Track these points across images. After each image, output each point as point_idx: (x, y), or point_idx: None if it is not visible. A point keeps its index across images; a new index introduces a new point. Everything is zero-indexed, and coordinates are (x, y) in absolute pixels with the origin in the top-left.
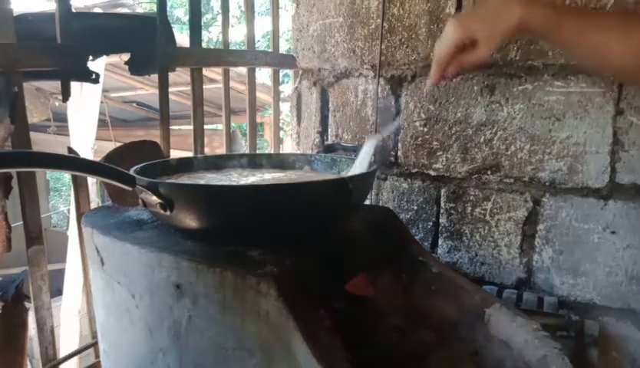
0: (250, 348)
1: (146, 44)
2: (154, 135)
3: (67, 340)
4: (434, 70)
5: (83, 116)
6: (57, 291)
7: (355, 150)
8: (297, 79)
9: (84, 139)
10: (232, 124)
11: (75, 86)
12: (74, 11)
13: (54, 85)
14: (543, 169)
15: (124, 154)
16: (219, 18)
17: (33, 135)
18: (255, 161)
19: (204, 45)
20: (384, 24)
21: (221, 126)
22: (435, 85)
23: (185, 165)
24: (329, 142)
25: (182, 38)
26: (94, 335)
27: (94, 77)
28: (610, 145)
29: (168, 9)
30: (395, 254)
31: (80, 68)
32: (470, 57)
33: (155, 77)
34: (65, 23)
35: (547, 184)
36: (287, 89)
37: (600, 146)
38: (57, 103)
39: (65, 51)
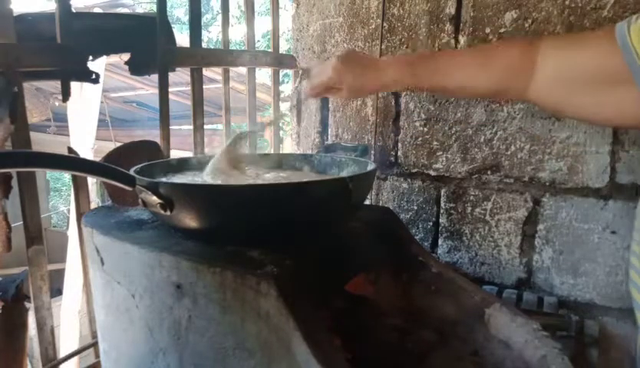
0: (250, 348)
1: (146, 44)
2: (154, 135)
3: (67, 340)
4: (308, 91)
5: (83, 116)
6: (57, 291)
7: (355, 150)
8: (297, 79)
9: (84, 139)
10: (232, 124)
11: (75, 86)
12: (74, 11)
13: (54, 85)
14: (543, 169)
15: (124, 154)
16: (219, 18)
17: (33, 135)
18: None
19: (204, 45)
20: (384, 24)
21: (221, 126)
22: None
23: (185, 166)
24: (329, 142)
25: (182, 38)
26: (94, 335)
27: (93, 77)
28: (610, 145)
29: (168, 9)
30: (395, 254)
31: (80, 68)
32: (334, 94)
33: (155, 77)
34: (65, 23)
35: (547, 184)
36: (287, 89)
37: (600, 146)
38: (57, 103)
39: (65, 51)
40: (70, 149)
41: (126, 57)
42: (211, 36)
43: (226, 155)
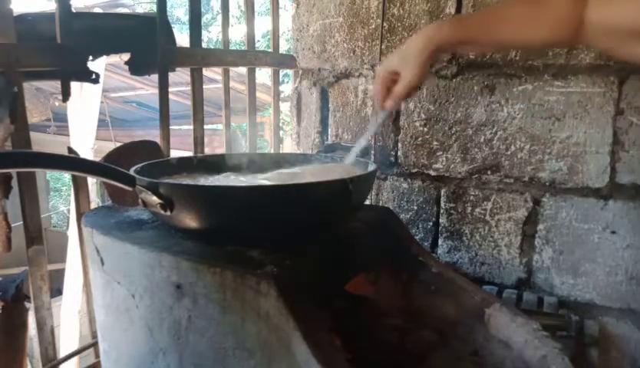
0: (250, 348)
1: (146, 44)
2: (154, 135)
3: (67, 340)
4: (375, 101)
5: (83, 116)
6: (57, 291)
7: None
8: (297, 79)
9: (84, 139)
10: (232, 124)
11: (75, 86)
12: (74, 11)
13: (54, 85)
14: (543, 169)
15: (124, 154)
16: (219, 18)
17: (33, 135)
18: (255, 161)
19: (204, 45)
20: (384, 24)
21: (221, 126)
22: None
23: (185, 165)
24: (329, 142)
25: (182, 38)
26: (94, 335)
27: (93, 77)
28: (610, 145)
29: (168, 9)
30: (395, 254)
31: (80, 68)
32: (398, 87)
33: (155, 77)
34: (65, 23)
35: (547, 184)
36: (287, 89)
37: (600, 146)
38: (57, 103)
39: (65, 51)
40: (70, 149)
41: (126, 57)
42: (211, 36)
43: None
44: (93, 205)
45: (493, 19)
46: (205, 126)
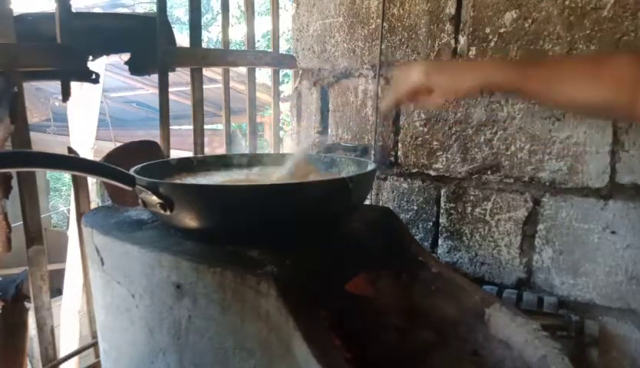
0: (250, 348)
1: (146, 44)
2: (154, 135)
3: (67, 340)
4: (393, 98)
5: (83, 116)
6: (57, 291)
7: (355, 150)
8: (297, 79)
9: (84, 139)
10: (232, 124)
11: (75, 86)
12: (74, 11)
13: (54, 85)
14: (543, 169)
15: (124, 154)
16: (219, 18)
17: (33, 135)
18: (254, 160)
19: (204, 45)
20: (384, 24)
21: (221, 126)
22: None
23: (185, 165)
24: (329, 142)
25: (182, 38)
26: (94, 335)
27: (93, 77)
28: (610, 145)
29: (168, 9)
30: (395, 254)
31: (80, 68)
32: (424, 102)
33: (155, 77)
34: (65, 23)
35: (547, 184)
36: (287, 89)
37: (600, 146)
38: (57, 103)
39: (65, 51)
40: (70, 149)
41: (126, 57)
42: (211, 36)
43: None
44: (93, 205)
45: (550, 69)
46: (205, 126)
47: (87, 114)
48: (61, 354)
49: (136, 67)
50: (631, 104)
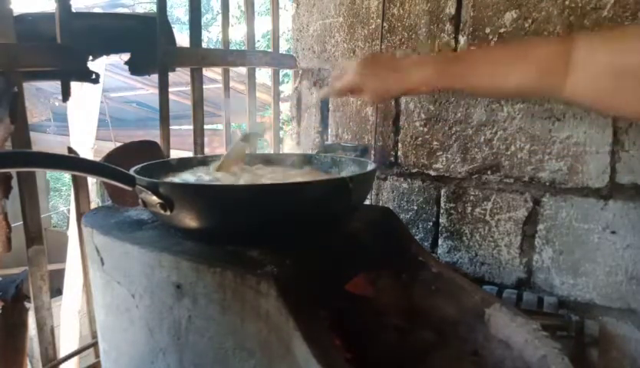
0: (250, 348)
1: (146, 44)
2: (154, 135)
3: (67, 340)
4: (329, 91)
5: (83, 116)
6: (57, 291)
7: (355, 150)
8: (297, 79)
9: (84, 139)
10: (232, 124)
11: (75, 86)
12: (74, 11)
13: (54, 85)
14: (543, 169)
15: (124, 154)
16: (219, 18)
17: (33, 135)
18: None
19: (204, 45)
20: (384, 24)
21: (221, 126)
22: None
23: (185, 165)
24: (329, 142)
25: (182, 38)
26: (94, 335)
27: (93, 77)
28: (610, 145)
29: (168, 9)
30: (395, 254)
31: (80, 68)
32: (357, 96)
33: (155, 77)
34: (65, 23)
35: (547, 184)
36: (287, 89)
37: (600, 146)
38: (57, 103)
39: (65, 51)
40: (70, 149)
41: (126, 57)
42: (211, 36)
43: (232, 155)
44: (93, 205)
45: (472, 62)
46: (205, 126)
47: (87, 114)
48: (61, 354)
49: (136, 67)
50: (557, 87)
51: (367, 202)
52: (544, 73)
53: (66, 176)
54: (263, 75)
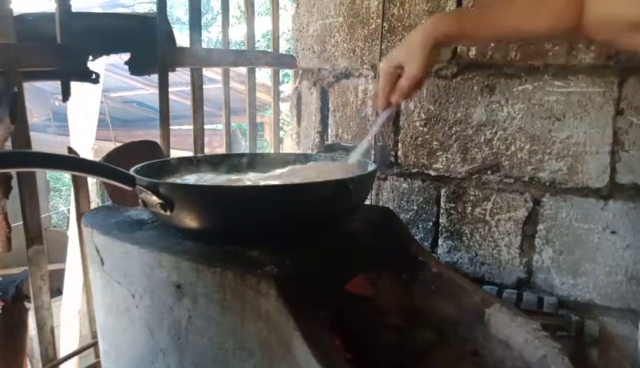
0: (250, 348)
1: (146, 44)
2: (154, 135)
3: (67, 340)
4: (378, 98)
5: (83, 116)
6: (57, 291)
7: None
8: (297, 79)
9: (84, 139)
10: (232, 124)
11: (75, 86)
12: (74, 11)
13: (54, 85)
14: (543, 169)
15: (124, 154)
16: (219, 18)
17: (33, 135)
18: (254, 160)
19: (204, 45)
20: (384, 24)
21: (221, 126)
22: (382, 109)
23: (185, 165)
24: (329, 142)
25: (182, 38)
26: (94, 335)
27: (93, 77)
28: (610, 145)
29: (168, 9)
30: (395, 254)
31: (80, 68)
32: (402, 81)
33: (155, 77)
34: (65, 23)
35: (547, 184)
36: (287, 89)
37: (600, 146)
38: (57, 103)
39: (65, 51)
40: (70, 149)
41: (126, 57)
42: (211, 36)
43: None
44: (93, 205)
45: (493, 11)
46: (205, 126)
47: (87, 114)
48: (61, 354)
49: (136, 67)
50: (571, 31)
51: (367, 202)
52: (560, 18)
53: (66, 176)
54: (263, 75)
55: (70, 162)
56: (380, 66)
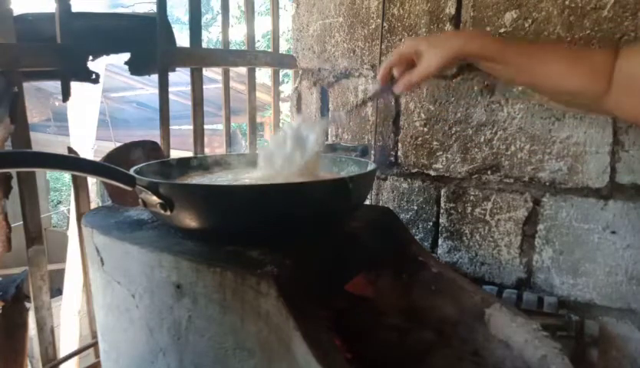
0: (250, 348)
1: (146, 44)
2: (154, 135)
3: (67, 340)
4: (383, 68)
5: (83, 116)
6: (57, 291)
7: (355, 150)
8: (297, 79)
9: (84, 139)
10: (232, 124)
11: (75, 86)
12: (74, 11)
13: (54, 85)
14: (543, 169)
15: (124, 154)
16: (219, 18)
17: (33, 135)
18: (254, 160)
19: (204, 45)
20: (384, 24)
21: (221, 126)
22: (383, 86)
23: (185, 165)
24: (329, 142)
25: (182, 38)
26: (94, 335)
27: (93, 77)
28: (610, 145)
29: (168, 9)
30: (395, 254)
31: (80, 68)
32: (418, 69)
33: (155, 77)
34: (65, 23)
35: (547, 184)
36: (287, 89)
37: (600, 146)
38: (57, 103)
39: (65, 51)
40: (70, 149)
41: (126, 57)
42: (211, 36)
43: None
44: (93, 205)
45: (533, 55)
46: (205, 126)
47: (87, 114)
48: (61, 354)
49: (136, 67)
50: (602, 94)
51: (367, 202)
52: (593, 79)
53: (66, 176)
54: (263, 75)
55: (70, 162)
56: (403, 44)
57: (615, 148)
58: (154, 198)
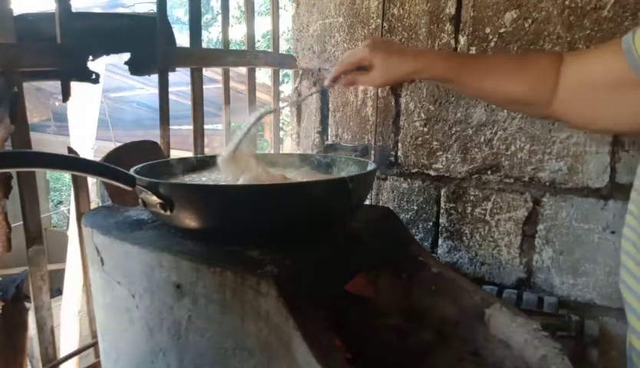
0: (250, 348)
1: (146, 44)
2: (154, 135)
3: (67, 340)
4: (333, 71)
5: (83, 116)
6: (57, 291)
7: (355, 150)
8: (297, 79)
9: (84, 139)
10: (232, 124)
11: (75, 86)
12: (74, 11)
13: (54, 85)
14: (543, 169)
15: (124, 154)
16: (219, 18)
17: (33, 135)
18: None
19: (204, 45)
20: (384, 24)
21: (221, 126)
22: (328, 86)
23: (185, 165)
24: (329, 142)
25: (182, 38)
26: (94, 335)
27: (93, 77)
28: (610, 145)
29: (168, 9)
30: (395, 254)
31: (80, 68)
32: (363, 79)
33: (155, 77)
34: (65, 23)
35: (547, 184)
36: (287, 89)
37: (600, 146)
38: (57, 103)
39: (65, 51)
40: (70, 149)
41: (126, 57)
42: (211, 36)
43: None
44: (93, 205)
45: (480, 63)
46: (205, 126)
47: (87, 114)
48: (61, 354)
49: (136, 67)
50: (548, 102)
51: (367, 202)
52: (540, 85)
53: (66, 176)
54: (263, 75)
55: (70, 162)
56: (362, 48)
57: (615, 148)
58: (154, 198)
